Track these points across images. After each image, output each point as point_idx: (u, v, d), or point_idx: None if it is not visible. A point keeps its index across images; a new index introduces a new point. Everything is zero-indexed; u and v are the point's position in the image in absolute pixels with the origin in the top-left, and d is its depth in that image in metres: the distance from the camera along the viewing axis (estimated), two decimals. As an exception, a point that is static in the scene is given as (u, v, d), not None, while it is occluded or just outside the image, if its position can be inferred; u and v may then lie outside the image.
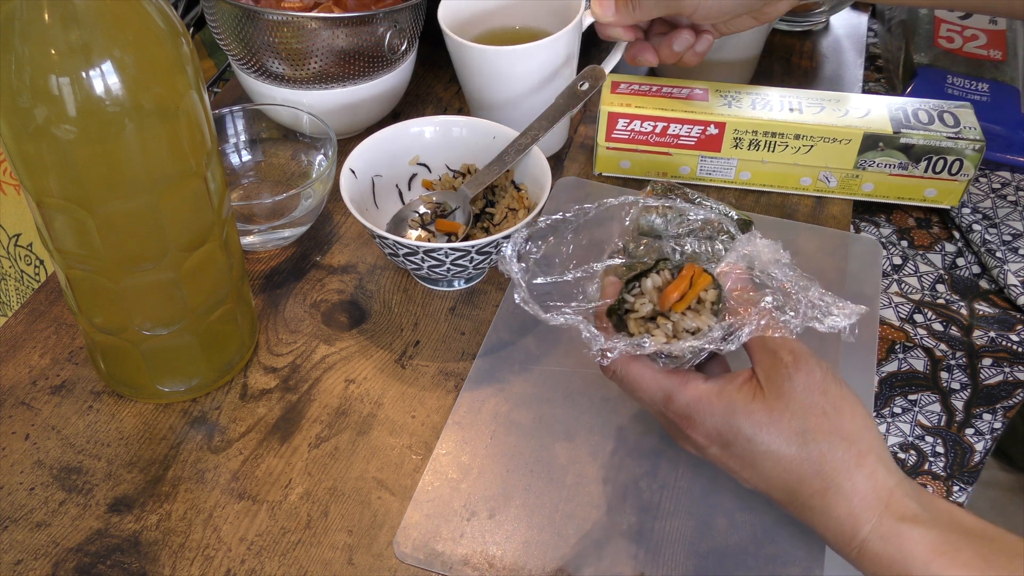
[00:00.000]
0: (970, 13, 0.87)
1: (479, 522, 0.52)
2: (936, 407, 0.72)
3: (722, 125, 0.71)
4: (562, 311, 0.47)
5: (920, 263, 0.72)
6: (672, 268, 0.47)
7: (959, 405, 0.72)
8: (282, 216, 0.65)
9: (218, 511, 0.53)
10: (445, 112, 0.82)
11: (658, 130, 0.72)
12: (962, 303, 0.69)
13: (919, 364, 0.70)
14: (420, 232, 0.65)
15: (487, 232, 0.66)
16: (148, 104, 0.45)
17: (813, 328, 0.45)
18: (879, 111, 0.71)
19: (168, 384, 0.57)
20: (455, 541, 0.51)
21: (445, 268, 0.60)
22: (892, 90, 0.87)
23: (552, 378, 0.60)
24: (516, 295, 0.48)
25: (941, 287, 0.71)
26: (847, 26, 0.96)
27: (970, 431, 0.73)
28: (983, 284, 0.71)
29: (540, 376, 0.60)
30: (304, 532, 0.52)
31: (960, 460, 0.73)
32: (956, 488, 0.73)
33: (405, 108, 0.83)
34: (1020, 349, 0.68)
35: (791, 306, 0.45)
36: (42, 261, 0.90)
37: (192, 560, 0.50)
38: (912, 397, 0.72)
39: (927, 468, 0.73)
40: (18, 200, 0.89)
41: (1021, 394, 0.71)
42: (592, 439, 0.56)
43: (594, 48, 0.77)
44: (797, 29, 0.95)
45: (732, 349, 0.45)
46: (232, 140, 0.72)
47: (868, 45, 0.95)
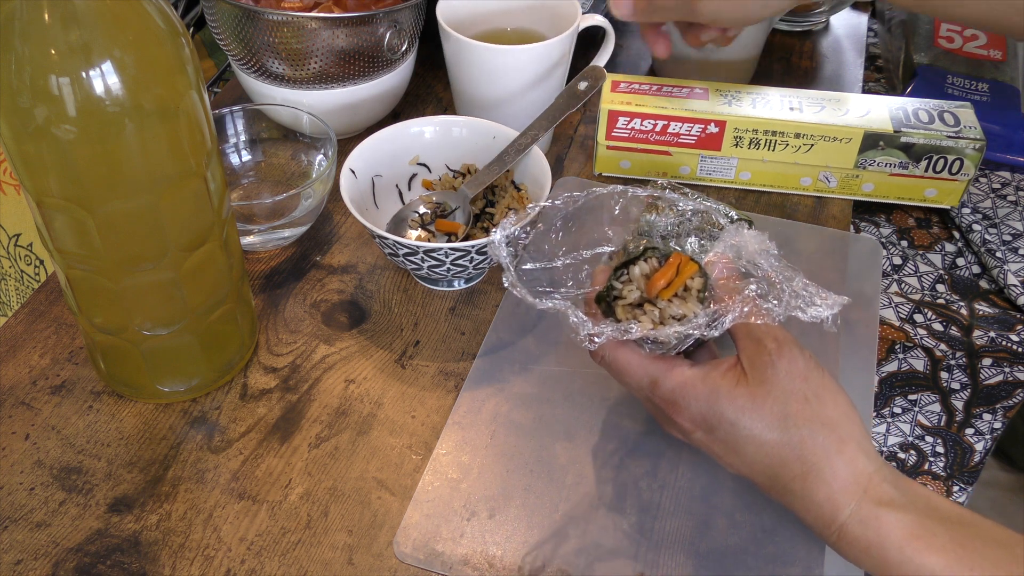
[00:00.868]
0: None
1: (479, 522, 0.52)
2: (936, 407, 0.72)
3: (722, 124, 0.71)
4: (551, 296, 0.48)
5: (920, 263, 0.72)
6: (660, 256, 0.48)
7: (959, 405, 0.72)
8: (282, 216, 0.65)
9: (218, 511, 0.53)
10: (445, 112, 0.82)
11: (658, 128, 0.72)
12: (962, 303, 0.69)
13: (919, 364, 0.70)
14: (420, 232, 0.65)
15: (487, 232, 0.66)
16: (148, 104, 0.45)
17: (796, 317, 0.46)
18: (879, 110, 0.71)
19: (168, 384, 0.57)
20: (455, 541, 0.51)
21: (445, 268, 0.60)
22: (892, 90, 0.87)
23: (552, 378, 0.60)
24: (505, 279, 0.49)
25: (941, 287, 0.71)
26: (847, 26, 0.96)
27: (970, 431, 0.73)
28: (983, 284, 0.71)
29: (540, 376, 0.60)
30: (304, 532, 0.52)
31: (960, 460, 0.73)
32: (956, 488, 0.73)
33: (405, 108, 0.83)
34: (1020, 349, 0.68)
35: (775, 295, 0.46)
36: (42, 261, 0.90)
37: (192, 560, 0.50)
38: (912, 397, 0.72)
39: (927, 468, 0.73)
40: (18, 200, 0.89)
41: (1021, 394, 0.71)
42: (592, 439, 0.56)
43: (592, 49, 0.77)
44: (797, 29, 0.95)
45: (716, 335, 0.46)
46: (232, 140, 0.72)
47: (868, 45, 0.95)
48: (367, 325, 0.63)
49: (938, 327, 0.69)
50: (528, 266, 0.54)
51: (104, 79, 0.42)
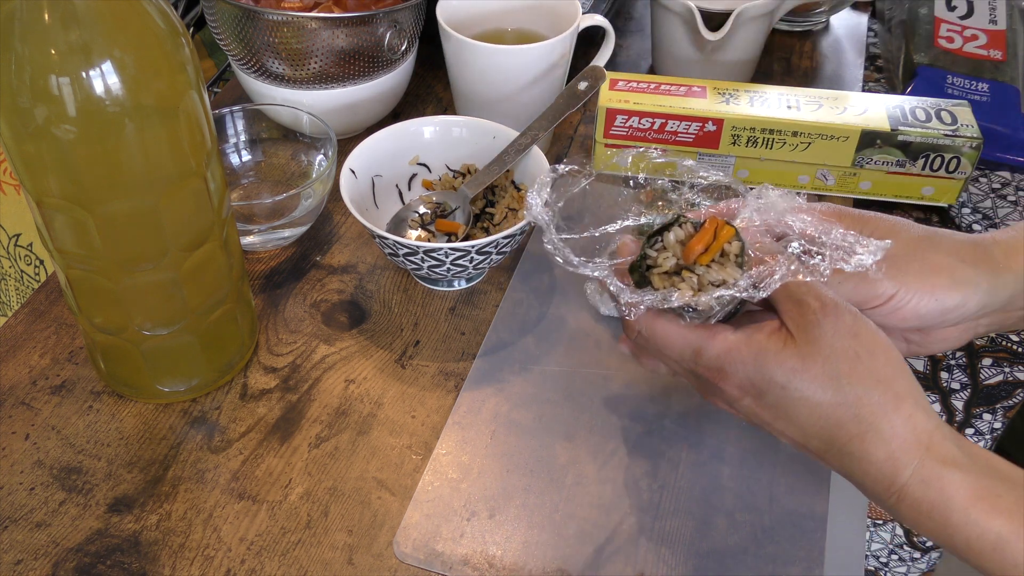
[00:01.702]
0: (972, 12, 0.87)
1: (479, 522, 0.52)
2: (936, 407, 0.72)
3: (720, 121, 0.71)
4: (589, 263, 0.46)
5: (920, 263, 0.72)
6: (694, 223, 0.47)
7: (959, 405, 0.72)
8: (282, 216, 0.65)
9: (218, 511, 0.53)
10: (445, 112, 0.82)
11: (656, 126, 0.72)
12: (962, 303, 0.69)
13: (919, 364, 0.70)
14: (420, 232, 0.65)
15: (487, 232, 0.66)
16: (148, 104, 0.45)
17: (841, 270, 0.44)
18: (877, 109, 0.71)
19: (168, 384, 0.57)
20: (455, 541, 0.51)
21: (445, 268, 0.60)
22: (892, 90, 0.87)
23: (552, 378, 0.60)
24: (545, 242, 0.47)
25: (941, 287, 0.70)
26: (847, 26, 0.96)
27: (970, 431, 0.73)
28: (983, 284, 0.71)
29: (540, 376, 0.60)
30: (304, 532, 0.52)
31: (960, 459, 0.73)
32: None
33: (405, 108, 0.83)
34: (1020, 349, 0.68)
35: (817, 249, 0.44)
36: (42, 261, 0.90)
37: (192, 560, 0.50)
38: (912, 397, 0.72)
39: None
40: (18, 200, 0.89)
41: (1021, 394, 0.71)
42: (592, 439, 0.56)
43: (592, 49, 0.77)
44: (797, 29, 0.95)
45: (763, 296, 0.44)
46: (232, 140, 0.72)
47: (868, 45, 0.95)
48: (367, 325, 0.63)
49: (938, 327, 0.69)
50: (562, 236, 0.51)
51: (104, 79, 0.42)
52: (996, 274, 0.48)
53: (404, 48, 0.73)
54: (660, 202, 0.49)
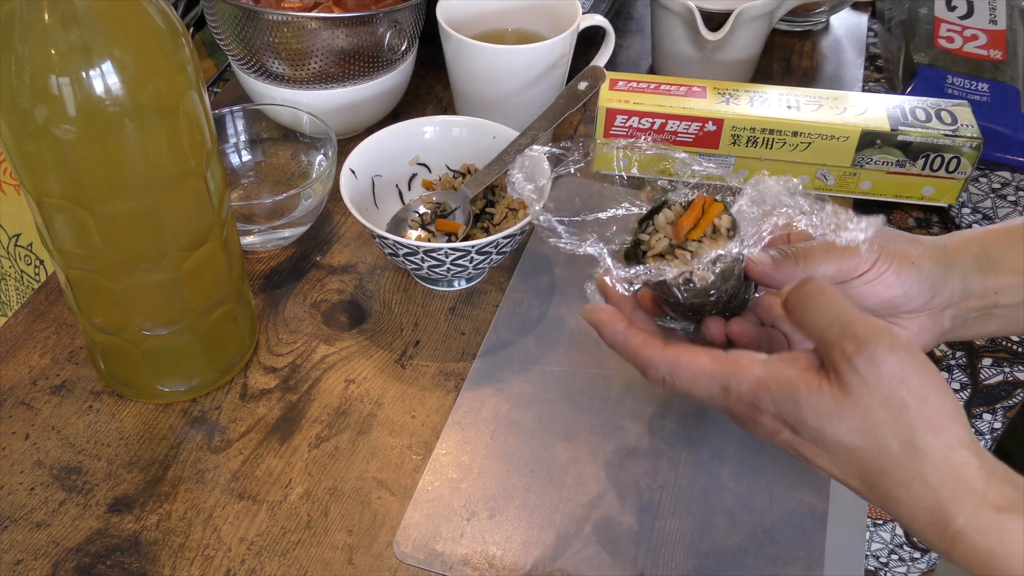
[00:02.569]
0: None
1: (479, 522, 0.52)
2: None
3: (720, 121, 0.71)
4: (582, 241, 0.45)
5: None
6: (682, 203, 0.47)
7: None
8: (282, 216, 0.65)
9: (218, 511, 0.53)
10: (445, 112, 0.82)
11: (656, 126, 0.72)
12: (962, 303, 0.69)
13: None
14: (420, 232, 0.65)
15: (487, 232, 0.66)
16: (148, 104, 0.45)
17: (832, 242, 0.43)
18: (877, 109, 0.71)
19: (168, 384, 0.57)
20: (455, 541, 0.51)
21: (445, 268, 0.60)
22: (892, 90, 0.87)
23: (552, 378, 0.60)
24: (532, 216, 0.46)
25: (941, 287, 0.70)
26: (847, 26, 0.96)
27: (970, 431, 0.73)
28: (983, 284, 0.71)
29: (540, 376, 0.60)
30: (304, 532, 0.52)
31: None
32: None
33: (405, 108, 0.83)
34: (1020, 349, 0.68)
35: (807, 220, 0.44)
36: (42, 261, 0.90)
37: (192, 560, 0.50)
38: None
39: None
40: (18, 200, 0.89)
41: (1021, 394, 0.71)
42: (592, 439, 0.56)
43: (592, 49, 0.77)
44: (797, 29, 0.95)
45: (756, 252, 0.43)
46: (232, 140, 0.72)
47: (868, 45, 0.95)
48: (367, 325, 0.63)
49: (938, 327, 0.69)
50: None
51: (104, 79, 0.42)
52: (947, 255, 0.49)
53: (404, 48, 0.73)
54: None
